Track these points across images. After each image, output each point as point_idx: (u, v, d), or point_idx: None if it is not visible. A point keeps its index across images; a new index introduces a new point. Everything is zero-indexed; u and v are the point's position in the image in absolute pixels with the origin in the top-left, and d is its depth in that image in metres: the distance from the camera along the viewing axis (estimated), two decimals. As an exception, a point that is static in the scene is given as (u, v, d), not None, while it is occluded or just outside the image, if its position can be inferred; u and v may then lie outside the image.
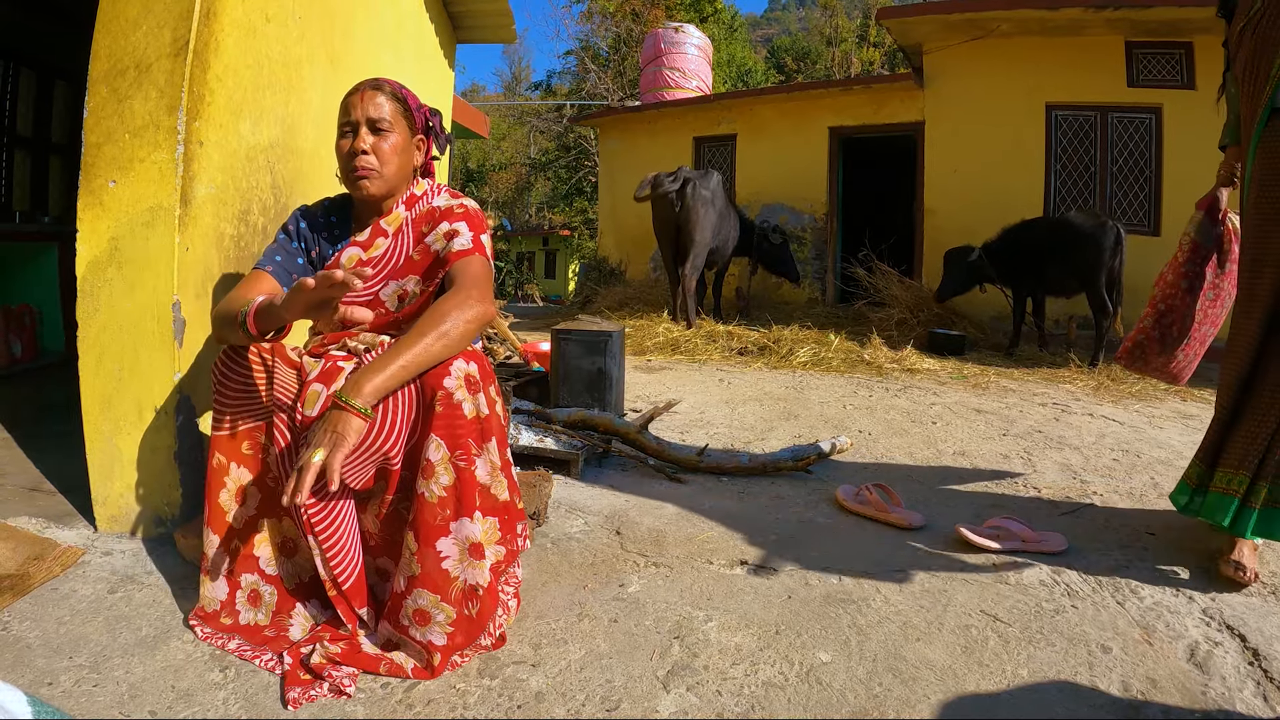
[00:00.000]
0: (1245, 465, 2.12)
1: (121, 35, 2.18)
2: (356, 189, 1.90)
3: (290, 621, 1.77)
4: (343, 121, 1.90)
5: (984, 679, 1.62)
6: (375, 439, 1.63)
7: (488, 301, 1.76)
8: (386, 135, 1.89)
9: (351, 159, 1.87)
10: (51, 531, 2.19)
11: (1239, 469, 2.13)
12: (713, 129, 11.43)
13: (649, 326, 7.71)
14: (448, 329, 1.63)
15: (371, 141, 1.87)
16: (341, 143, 1.90)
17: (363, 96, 1.88)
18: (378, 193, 1.91)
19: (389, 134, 1.89)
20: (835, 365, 6.21)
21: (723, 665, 1.67)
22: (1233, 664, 1.69)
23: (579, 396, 3.77)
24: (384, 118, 1.88)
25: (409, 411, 1.67)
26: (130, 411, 2.17)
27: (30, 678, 1.54)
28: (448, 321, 1.64)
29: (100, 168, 2.16)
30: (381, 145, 1.88)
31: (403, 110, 1.94)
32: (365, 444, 1.62)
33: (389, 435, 1.65)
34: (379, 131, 1.88)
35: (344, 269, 1.88)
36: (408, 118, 1.95)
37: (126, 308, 2.16)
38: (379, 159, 1.88)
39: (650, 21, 24.02)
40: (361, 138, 1.86)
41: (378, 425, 1.64)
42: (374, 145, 1.87)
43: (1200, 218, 2.62)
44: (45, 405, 3.54)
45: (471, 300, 1.71)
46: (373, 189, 1.89)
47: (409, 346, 1.59)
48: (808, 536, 2.43)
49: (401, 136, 1.92)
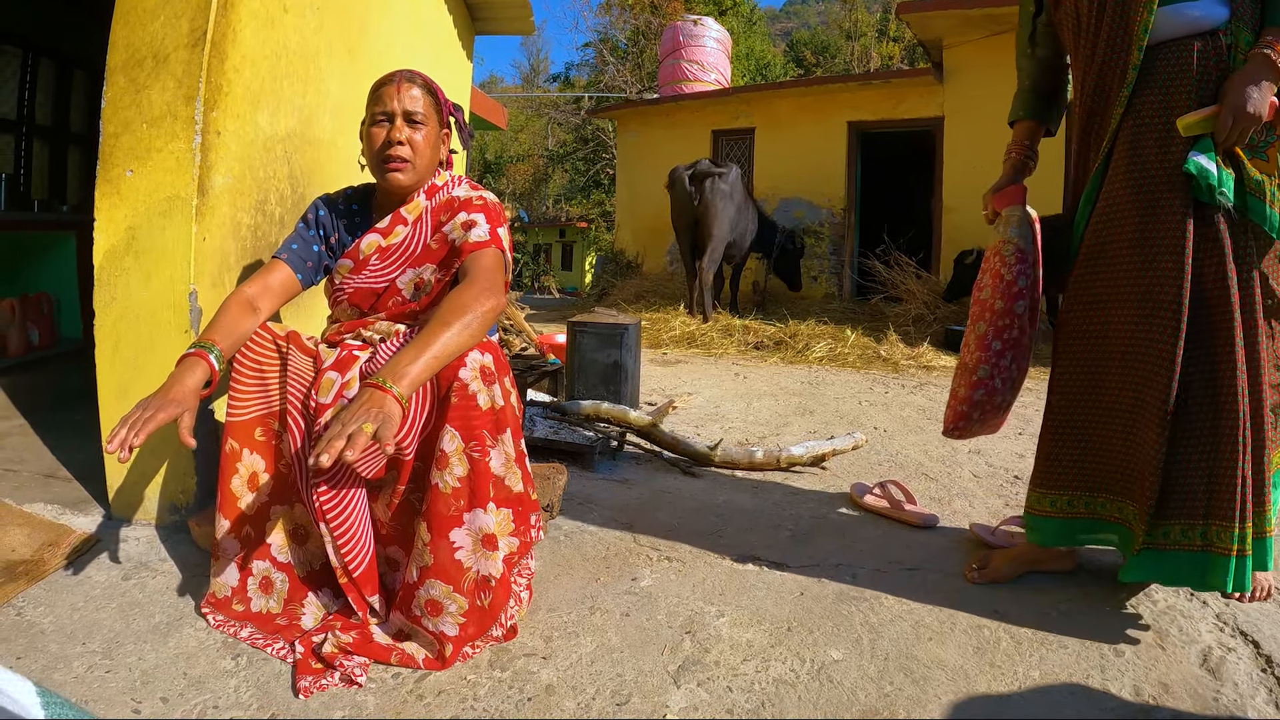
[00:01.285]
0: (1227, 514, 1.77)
1: (139, 25, 2.18)
2: (386, 179, 1.90)
3: (302, 610, 1.77)
4: (377, 111, 1.89)
5: (995, 680, 1.61)
6: None
7: (500, 294, 1.76)
8: (420, 128, 1.90)
9: (386, 149, 1.87)
10: (67, 518, 2.21)
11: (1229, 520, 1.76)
12: (731, 122, 11.39)
13: (665, 319, 7.71)
14: (469, 320, 1.64)
15: (407, 133, 1.87)
16: (375, 130, 1.89)
17: (399, 88, 1.88)
18: (408, 184, 1.91)
19: (423, 126, 1.90)
20: (851, 361, 6.19)
21: (734, 661, 1.67)
22: (1245, 670, 1.67)
23: (594, 389, 3.77)
24: (419, 110, 1.89)
25: (423, 402, 1.67)
26: (146, 400, 2.18)
27: (43, 663, 1.56)
28: (468, 313, 1.64)
29: (118, 157, 2.17)
30: (415, 137, 1.89)
31: (434, 104, 1.95)
32: None
33: (401, 424, 1.65)
34: (414, 124, 1.89)
35: (362, 254, 1.90)
36: (438, 111, 1.96)
37: (143, 297, 2.17)
38: (413, 150, 1.88)
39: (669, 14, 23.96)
40: (398, 127, 1.87)
41: None
42: (409, 137, 1.87)
43: (1019, 215, 2.17)
44: (62, 392, 3.56)
45: (485, 293, 1.71)
46: (404, 180, 1.90)
47: (436, 337, 1.58)
48: (821, 533, 2.42)
49: (433, 130, 1.93)
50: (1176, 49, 1.84)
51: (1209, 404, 1.78)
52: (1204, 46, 1.81)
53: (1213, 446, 1.78)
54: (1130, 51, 1.87)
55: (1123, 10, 1.88)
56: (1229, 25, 1.81)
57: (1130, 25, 1.87)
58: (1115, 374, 1.92)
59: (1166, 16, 1.83)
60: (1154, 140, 1.86)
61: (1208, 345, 1.79)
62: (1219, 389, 1.77)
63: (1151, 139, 1.86)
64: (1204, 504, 1.78)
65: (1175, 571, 1.83)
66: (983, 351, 2.12)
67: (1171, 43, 1.85)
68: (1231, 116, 1.72)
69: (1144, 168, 1.87)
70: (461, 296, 1.69)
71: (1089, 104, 2.02)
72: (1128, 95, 1.89)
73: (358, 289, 1.94)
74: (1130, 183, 1.89)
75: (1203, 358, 1.79)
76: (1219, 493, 1.77)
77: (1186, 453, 1.80)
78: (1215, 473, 1.77)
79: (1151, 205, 1.85)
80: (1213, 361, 1.78)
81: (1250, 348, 1.77)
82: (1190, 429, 1.80)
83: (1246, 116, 1.71)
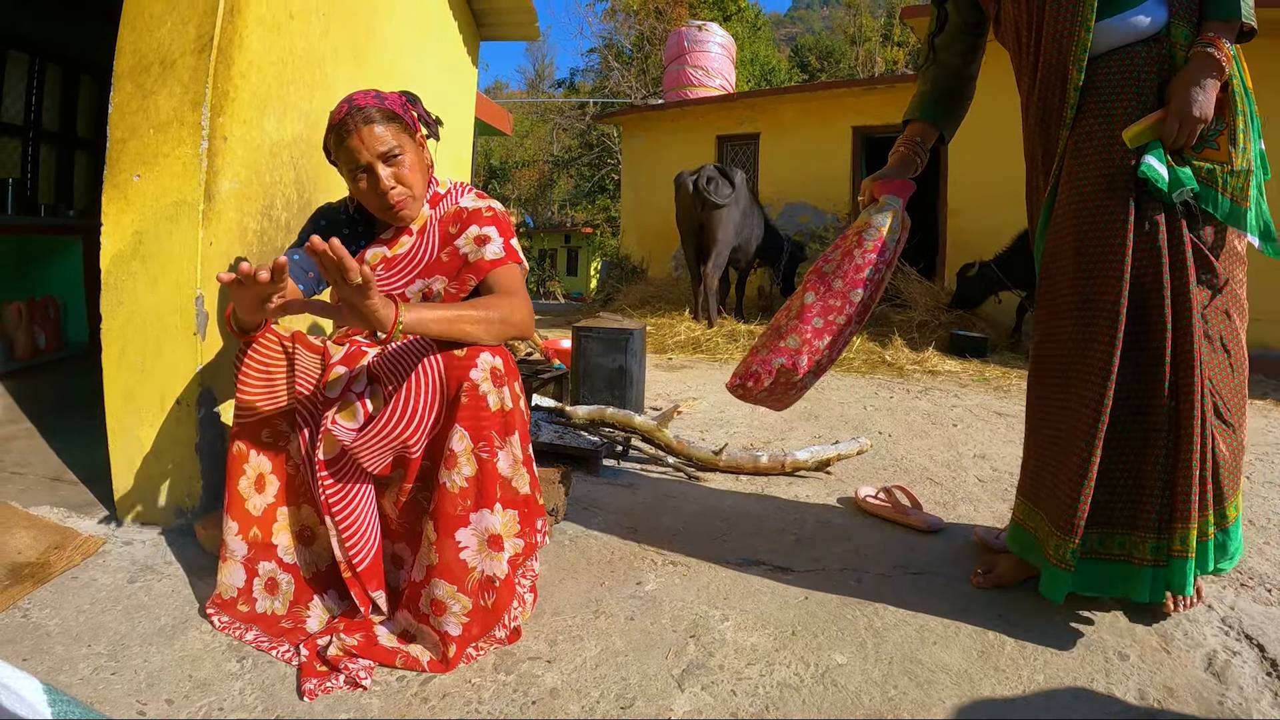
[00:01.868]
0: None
1: (146, 31, 2.19)
2: (399, 220, 1.89)
3: (308, 613, 1.78)
4: (353, 168, 1.82)
5: (1000, 684, 1.61)
6: (394, 426, 1.65)
7: (530, 315, 1.82)
8: (401, 159, 1.83)
9: (384, 198, 1.83)
10: (73, 521, 2.21)
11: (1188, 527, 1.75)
12: (736, 128, 11.41)
13: (670, 325, 7.72)
14: (494, 318, 1.70)
15: (391, 173, 1.82)
16: (361, 188, 1.84)
17: (362, 136, 1.78)
18: (417, 212, 1.92)
19: (402, 156, 1.83)
20: (856, 366, 6.19)
21: (738, 665, 1.67)
22: (1251, 674, 1.66)
23: (599, 394, 3.77)
24: (391, 145, 1.80)
25: (431, 402, 1.67)
26: (152, 403, 2.19)
27: (49, 665, 1.56)
28: (497, 312, 1.71)
29: (125, 162, 2.18)
30: (401, 172, 1.83)
31: (399, 124, 1.85)
32: (384, 430, 1.64)
33: (410, 423, 1.66)
34: (392, 160, 1.82)
35: (367, 264, 1.91)
36: (405, 127, 1.86)
37: (150, 301, 2.18)
38: (406, 184, 1.85)
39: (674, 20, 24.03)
40: (382, 178, 1.80)
41: (398, 413, 1.65)
42: (395, 176, 1.82)
43: (896, 209, 2.11)
44: (68, 396, 3.57)
45: (519, 308, 1.78)
46: (412, 214, 1.90)
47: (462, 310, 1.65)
48: (826, 537, 2.42)
49: (411, 150, 1.86)
50: (1118, 59, 1.82)
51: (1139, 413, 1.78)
52: (1146, 53, 1.80)
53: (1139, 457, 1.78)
54: (1069, 73, 1.85)
55: (1057, 34, 1.87)
56: (1168, 24, 1.78)
57: (1067, 47, 1.85)
58: (1058, 382, 1.92)
59: (1106, 29, 1.82)
60: (1095, 148, 1.83)
61: (1144, 356, 1.77)
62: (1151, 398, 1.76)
63: (1093, 147, 1.84)
64: (1127, 515, 1.80)
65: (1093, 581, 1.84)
66: (800, 322, 2.05)
67: (1113, 53, 1.83)
68: (1178, 122, 1.71)
69: (1085, 176, 1.85)
70: (498, 300, 1.76)
71: (1034, 126, 2.00)
72: (1072, 117, 1.87)
73: None
74: (1073, 191, 1.88)
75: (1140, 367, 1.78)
76: (1142, 504, 1.77)
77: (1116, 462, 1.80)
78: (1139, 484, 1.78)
79: (1092, 212, 1.83)
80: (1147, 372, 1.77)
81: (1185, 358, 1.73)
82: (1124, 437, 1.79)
83: (1192, 120, 1.70)
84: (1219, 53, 1.69)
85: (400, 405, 1.66)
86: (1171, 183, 1.72)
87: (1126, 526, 1.80)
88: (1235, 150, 1.77)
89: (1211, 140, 1.78)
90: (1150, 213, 1.77)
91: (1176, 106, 1.71)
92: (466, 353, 1.66)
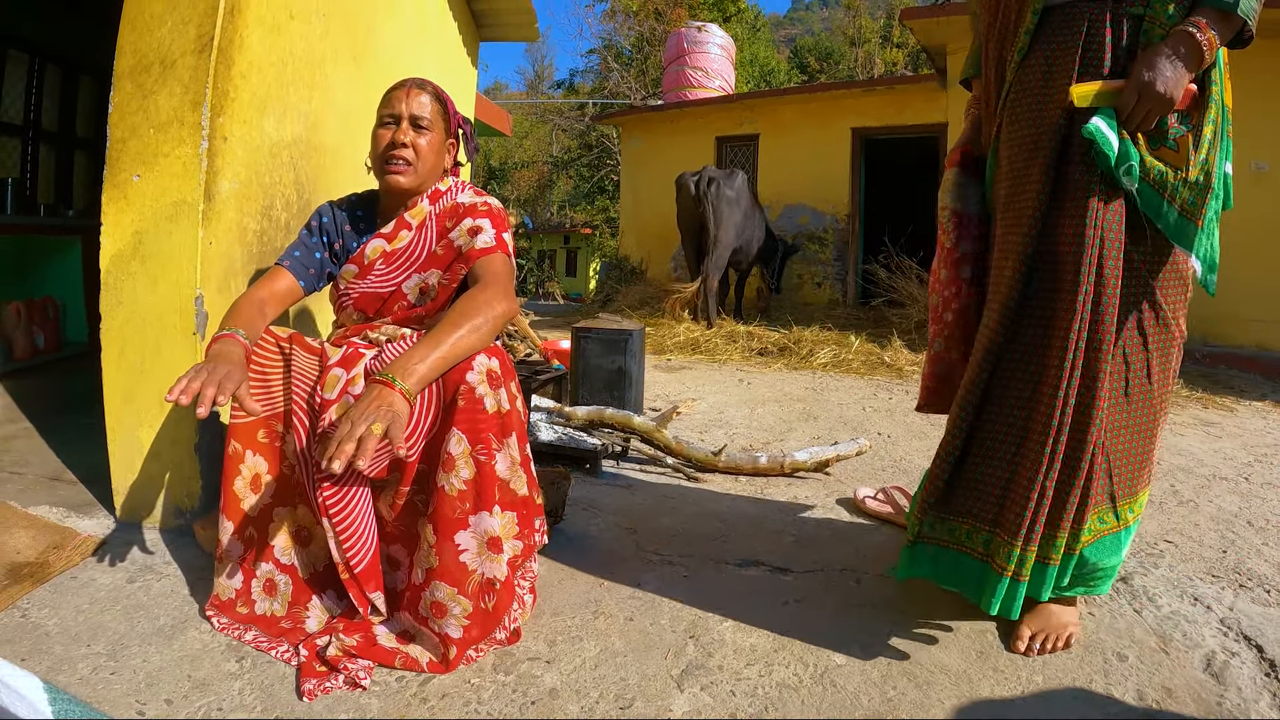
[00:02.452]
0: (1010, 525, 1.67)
1: (146, 31, 2.20)
2: (386, 180, 1.95)
3: (307, 614, 1.78)
4: (385, 113, 1.95)
5: (999, 684, 1.61)
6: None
7: (511, 299, 1.80)
8: (425, 133, 1.95)
9: (390, 149, 1.92)
10: (72, 521, 2.21)
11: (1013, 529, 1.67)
12: (735, 129, 11.41)
13: (669, 325, 7.71)
14: (479, 323, 1.67)
15: (411, 136, 1.93)
16: (381, 132, 1.95)
17: (408, 93, 1.94)
18: (408, 185, 1.94)
19: (428, 131, 1.95)
20: (855, 367, 6.19)
21: (737, 665, 1.67)
22: (1249, 675, 1.67)
23: (598, 395, 3.77)
24: (426, 116, 1.95)
25: (428, 406, 1.68)
26: (152, 404, 2.19)
27: (48, 664, 1.56)
28: (479, 316, 1.68)
29: (125, 162, 2.19)
30: (419, 141, 1.94)
31: (442, 112, 2.01)
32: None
33: (407, 425, 1.66)
34: (419, 128, 1.94)
35: (367, 259, 1.92)
36: (445, 120, 2.02)
37: (149, 301, 2.18)
38: (416, 153, 1.94)
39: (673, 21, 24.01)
40: (403, 130, 1.93)
41: None
42: (413, 140, 1.93)
43: (954, 177, 2.03)
44: (67, 396, 3.58)
45: (498, 297, 1.76)
46: (404, 182, 1.93)
47: (446, 337, 1.62)
48: (825, 538, 2.42)
49: (438, 136, 1.99)
50: (1068, 11, 1.67)
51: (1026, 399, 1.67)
52: (1100, 11, 1.63)
53: (1017, 449, 1.68)
54: (1024, 14, 1.72)
55: None
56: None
57: None
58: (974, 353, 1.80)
59: None
60: (1030, 103, 1.71)
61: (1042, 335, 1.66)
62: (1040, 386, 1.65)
63: (1028, 102, 1.72)
64: (994, 511, 1.70)
65: (951, 573, 1.78)
66: (936, 325, 2.03)
67: (1066, 4, 1.68)
68: (1137, 92, 1.54)
69: (1017, 130, 1.74)
70: (474, 300, 1.73)
71: (990, 75, 1.88)
72: (1019, 60, 1.74)
73: (363, 294, 1.95)
74: (1006, 148, 1.77)
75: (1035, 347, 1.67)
76: (1011, 503, 1.67)
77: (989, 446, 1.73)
78: (1012, 479, 1.67)
79: (1017, 173, 1.73)
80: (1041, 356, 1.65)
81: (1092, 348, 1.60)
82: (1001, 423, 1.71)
83: (1155, 95, 1.53)
84: (1202, 36, 1.51)
85: None
86: (1120, 155, 1.56)
87: (992, 524, 1.70)
88: (1195, 158, 1.58)
89: (1171, 140, 1.60)
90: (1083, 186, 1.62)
91: (1137, 75, 1.55)
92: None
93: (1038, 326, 1.67)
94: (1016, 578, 1.65)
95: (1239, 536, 2.48)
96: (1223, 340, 6.77)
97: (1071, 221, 1.62)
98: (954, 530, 1.77)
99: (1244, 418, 4.62)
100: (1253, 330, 6.77)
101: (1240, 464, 3.45)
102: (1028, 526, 1.63)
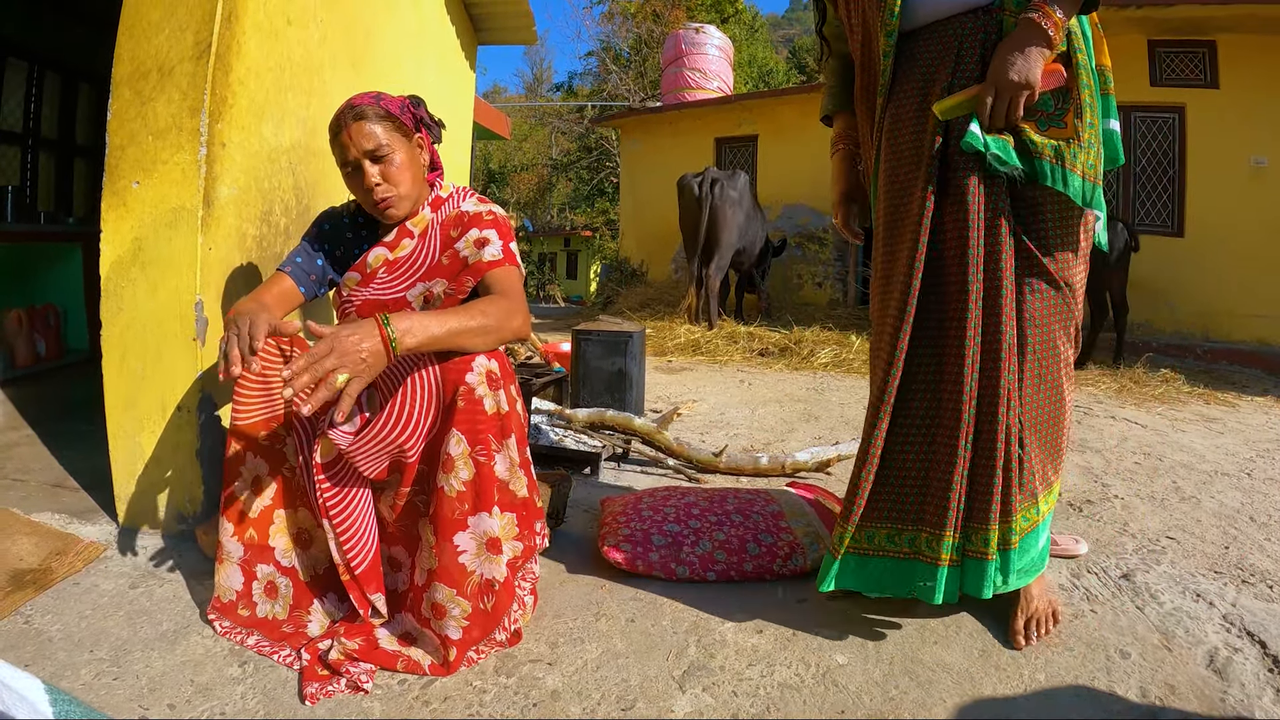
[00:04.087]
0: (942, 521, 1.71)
1: (144, 38, 2.20)
2: (386, 218, 1.90)
3: (308, 618, 1.78)
4: (342, 163, 1.86)
5: (1001, 683, 1.61)
6: (391, 430, 1.66)
7: (527, 318, 1.80)
8: (390, 158, 1.84)
9: (370, 195, 1.85)
10: (74, 527, 2.22)
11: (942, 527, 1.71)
12: (734, 130, 11.41)
13: (670, 327, 7.71)
14: (490, 325, 1.68)
15: (379, 170, 1.84)
16: (351, 183, 1.88)
17: (350, 134, 1.81)
18: (406, 212, 1.91)
19: (392, 155, 1.84)
20: (856, 367, 6.19)
21: (739, 666, 1.67)
22: (1252, 671, 1.67)
23: (599, 397, 3.77)
24: (380, 144, 1.82)
25: (428, 406, 1.68)
26: (153, 409, 2.19)
27: (50, 670, 1.56)
28: (493, 320, 1.69)
29: (124, 169, 2.19)
30: (389, 170, 1.84)
31: (393, 124, 1.87)
32: (380, 435, 1.65)
33: (405, 428, 1.66)
34: (380, 159, 1.83)
35: (370, 267, 1.91)
36: (400, 128, 1.88)
37: (150, 307, 2.18)
38: (392, 182, 1.85)
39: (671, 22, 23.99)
40: (368, 174, 1.82)
41: (394, 418, 1.66)
42: (382, 174, 1.84)
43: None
44: (69, 403, 3.58)
45: (517, 312, 1.76)
46: (400, 212, 1.89)
47: (458, 319, 1.63)
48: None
49: (403, 150, 1.88)
50: (940, 30, 1.73)
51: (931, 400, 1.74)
52: (974, 23, 1.70)
53: (928, 446, 1.73)
54: (880, 42, 1.78)
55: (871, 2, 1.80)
56: None
57: (875, 15, 1.78)
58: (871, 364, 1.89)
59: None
60: (909, 122, 1.76)
61: (938, 335, 1.72)
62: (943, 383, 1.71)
63: (907, 121, 1.77)
64: (915, 510, 1.75)
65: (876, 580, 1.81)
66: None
67: (936, 24, 1.74)
68: (993, 87, 1.61)
69: (898, 149, 1.78)
70: (495, 303, 1.74)
71: (861, 99, 1.95)
72: (886, 85, 1.80)
73: (366, 301, 1.95)
74: (887, 163, 1.82)
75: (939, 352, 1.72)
76: (930, 497, 1.72)
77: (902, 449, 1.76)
78: (928, 475, 1.73)
79: (900, 188, 1.77)
80: (947, 357, 1.71)
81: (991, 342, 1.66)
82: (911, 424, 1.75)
83: (1010, 84, 1.59)
84: (1045, 19, 1.57)
85: (396, 410, 1.67)
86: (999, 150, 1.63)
87: (914, 522, 1.75)
88: (1082, 126, 1.66)
89: (1058, 119, 1.67)
90: (962, 189, 1.68)
91: (991, 74, 1.61)
92: (462, 356, 1.67)
93: (933, 329, 1.74)
94: (953, 564, 1.71)
95: (1241, 532, 2.48)
96: (1223, 336, 6.80)
97: (955, 223, 1.70)
98: (872, 536, 1.80)
99: (1245, 413, 4.62)
100: (1253, 326, 6.79)
101: (1242, 459, 3.45)
102: (953, 515, 1.68)
